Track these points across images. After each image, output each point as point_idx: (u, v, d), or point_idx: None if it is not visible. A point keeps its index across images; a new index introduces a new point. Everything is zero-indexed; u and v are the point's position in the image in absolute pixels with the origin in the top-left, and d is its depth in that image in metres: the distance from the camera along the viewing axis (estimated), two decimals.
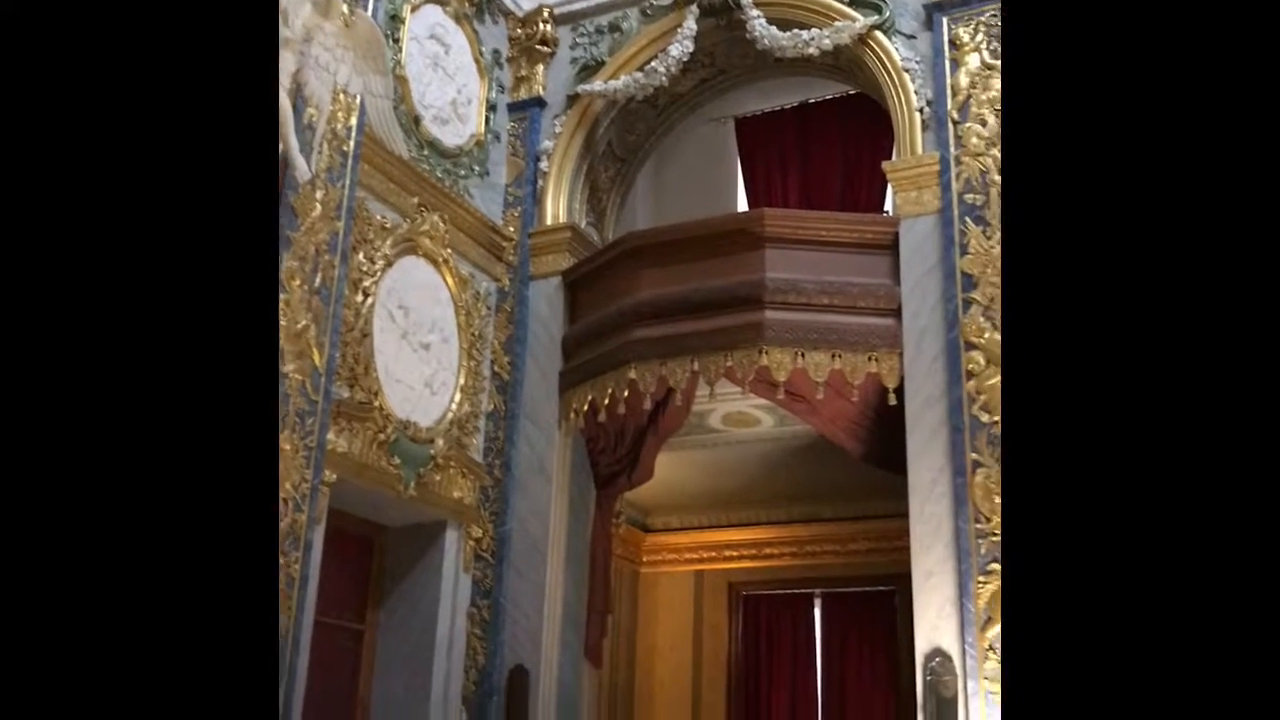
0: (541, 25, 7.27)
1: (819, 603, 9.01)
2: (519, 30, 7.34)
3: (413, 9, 6.57)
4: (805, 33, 6.33)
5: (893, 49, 6.16)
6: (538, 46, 7.28)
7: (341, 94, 5.50)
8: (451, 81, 6.86)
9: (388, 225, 6.04)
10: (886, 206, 7.29)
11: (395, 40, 6.35)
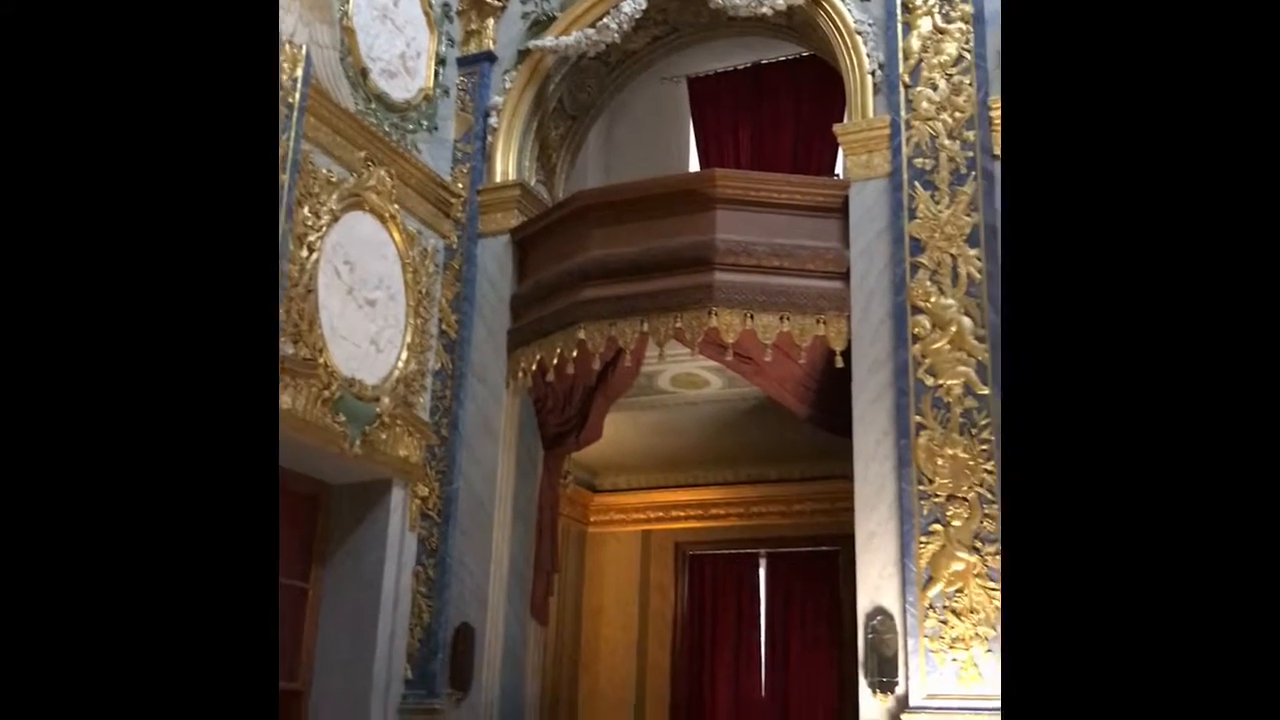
0: None
1: (764, 563, 9.11)
2: None
3: None
4: None
5: (845, 10, 6.14)
6: (489, 0, 7.17)
7: (288, 44, 5.40)
8: (400, 34, 6.73)
9: (334, 179, 5.94)
10: (838, 170, 7.30)
11: None
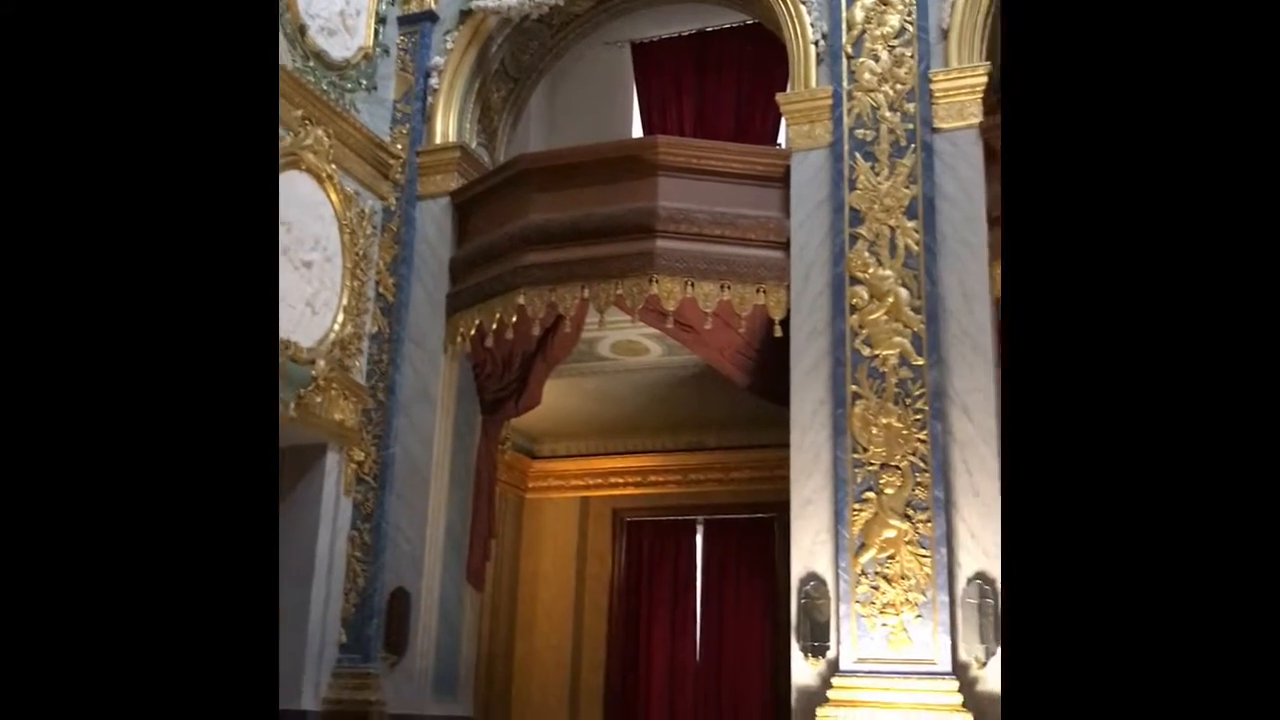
0: None
1: (701, 529, 9.18)
2: None
3: None
4: None
5: None
6: None
7: None
8: None
9: None
10: (780, 139, 7.31)
11: None
